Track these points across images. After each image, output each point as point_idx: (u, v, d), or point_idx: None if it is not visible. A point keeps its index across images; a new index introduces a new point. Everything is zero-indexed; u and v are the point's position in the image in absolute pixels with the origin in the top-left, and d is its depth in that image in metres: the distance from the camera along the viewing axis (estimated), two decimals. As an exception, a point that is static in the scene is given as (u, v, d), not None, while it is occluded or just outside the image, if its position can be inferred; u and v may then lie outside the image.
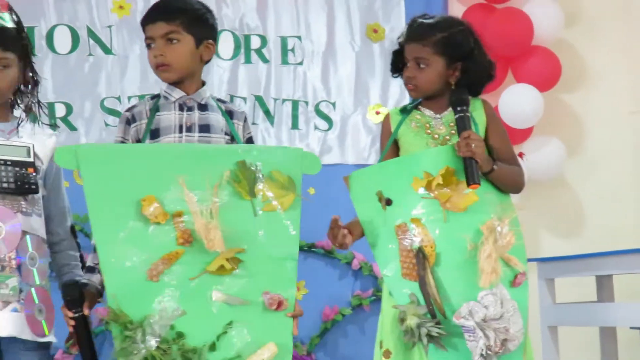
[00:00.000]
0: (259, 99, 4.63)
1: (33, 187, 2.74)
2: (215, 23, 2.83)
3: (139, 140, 2.72)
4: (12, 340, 2.71)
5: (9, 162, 2.69)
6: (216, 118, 2.76)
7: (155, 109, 2.75)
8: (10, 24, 2.79)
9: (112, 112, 4.45)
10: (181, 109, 2.75)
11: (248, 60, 4.64)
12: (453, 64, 2.81)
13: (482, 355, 2.53)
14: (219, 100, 2.81)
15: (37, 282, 2.71)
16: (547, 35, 4.72)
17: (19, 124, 2.80)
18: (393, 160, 2.87)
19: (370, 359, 2.90)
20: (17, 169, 2.70)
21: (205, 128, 2.74)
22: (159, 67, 2.71)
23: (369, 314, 4.53)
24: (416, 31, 2.87)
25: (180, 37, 2.71)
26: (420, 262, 2.69)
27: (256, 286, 2.52)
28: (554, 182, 4.89)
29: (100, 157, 2.52)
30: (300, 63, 4.71)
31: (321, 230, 4.51)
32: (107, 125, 4.44)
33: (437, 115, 2.88)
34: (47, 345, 2.81)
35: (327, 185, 4.40)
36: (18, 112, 2.81)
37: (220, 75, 4.60)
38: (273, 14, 4.70)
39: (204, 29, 2.76)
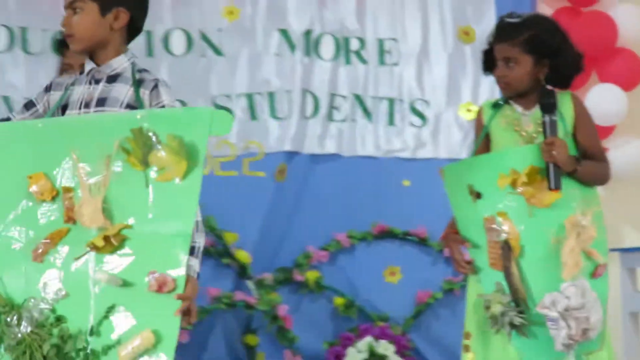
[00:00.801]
0: (357, 98, 4.86)
1: None
2: None
3: (46, 111, 2.63)
4: None
5: None
6: (121, 90, 2.57)
7: (72, 83, 2.64)
8: None
9: (223, 109, 4.64)
10: (90, 82, 2.61)
11: (348, 62, 4.87)
12: (541, 61, 2.89)
13: (564, 343, 2.66)
14: (140, 70, 2.59)
15: None
16: (631, 37, 4.85)
17: None
18: (483, 156, 3.00)
19: (459, 339, 3.05)
20: None
21: (101, 102, 2.56)
22: (66, 38, 2.60)
23: (459, 298, 4.67)
24: (504, 31, 2.96)
25: (84, 5, 2.57)
26: (505, 253, 2.77)
27: (143, 265, 2.32)
28: (636, 178, 5.01)
29: None
30: (396, 64, 4.92)
31: (416, 219, 4.81)
32: None
33: (526, 112, 2.95)
34: None
35: (422, 178, 4.78)
36: None
37: (322, 75, 4.83)
38: (371, 18, 4.91)
39: None
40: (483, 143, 3.04)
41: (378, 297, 4.87)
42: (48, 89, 2.64)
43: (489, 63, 3.02)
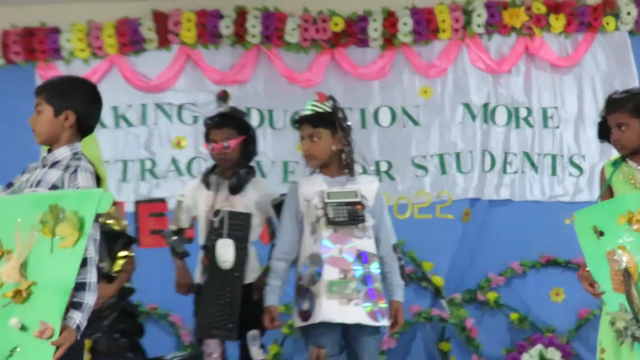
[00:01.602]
0: (526, 155, 5.44)
1: (360, 218, 3.34)
2: (81, 94, 2.79)
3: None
4: (355, 326, 3.34)
5: (342, 203, 3.35)
6: (54, 174, 2.71)
7: (35, 167, 2.81)
8: (325, 109, 3.44)
9: (420, 167, 5.44)
10: (43, 167, 2.77)
11: (518, 126, 5.44)
12: None
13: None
14: (76, 159, 2.74)
15: (371, 285, 3.34)
16: None
17: (352, 174, 3.44)
18: (604, 202, 3.22)
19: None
20: (349, 207, 3.33)
21: (38, 183, 2.71)
22: (33, 132, 2.81)
23: None
24: (613, 103, 3.22)
25: (42, 108, 2.76)
26: (626, 279, 2.91)
27: (37, 314, 2.49)
28: None
29: None
30: (557, 127, 5.46)
31: (576, 251, 4.99)
32: (417, 176, 5.42)
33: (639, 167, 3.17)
34: (379, 329, 3.42)
35: None
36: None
37: (497, 138, 5.41)
38: (536, 91, 5.47)
39: (63, 100, 2.74)
40: (606, 194, 3.26)
41: (546, 313, 5.29)
42: (23, 172, 2.86)
43: (604, 131, 3.29)
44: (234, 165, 3.72)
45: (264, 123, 5.43)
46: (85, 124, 2.80)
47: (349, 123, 3.60)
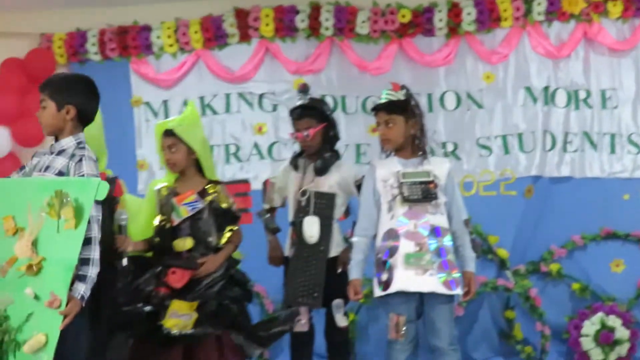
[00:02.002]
0: (586, 134, 5.62)
1: (433, 195, 3.51)
2: (80, 90, 3.03)
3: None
4: (430, 295, 3.51)
5: (416, 182, 3.53)
6: (60, 161, 2.95)
7: (44, 153, 3.04)
8: (398, 97, 3.61)
9: (484, 147, 5.67)
10: (50, 153, 3.01)
11: (577, 108, 5.61)
12: None
13: None
14: (80, 148, 2.98)
15: (445, 257, 3.50)
16: None
17: (425, 157, 3.64)
18: None
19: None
20: (422, 186, 3.51)
21: (45, 168, 2.95)
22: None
23: None
24: None
25: (46, 103, 3.01)
26: None
27: (47, 286, 2.73)
28: None
29: None
30: (616, 107, 5.62)
31: (635, 224, 5.49)
32: (481, 156, 5.66)
33: None
34: (453, 298, 3.53)
35: (638, 192, 5.47)
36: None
37: (557, 119, 5.59)
38: (594, 74, 5.63)
39: (64, 96, 2.98)
40: None
41: (606, 283, 5.47)
42: (32, 156, 3.09)
43: None
44: (318, 150, 3.97)
45: (337, 109, 5.71)
46: (85, 116, 3.04)
47: (421, 109, 3.79)
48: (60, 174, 2.90)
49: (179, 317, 3.49)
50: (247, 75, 5.86)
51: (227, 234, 3.76)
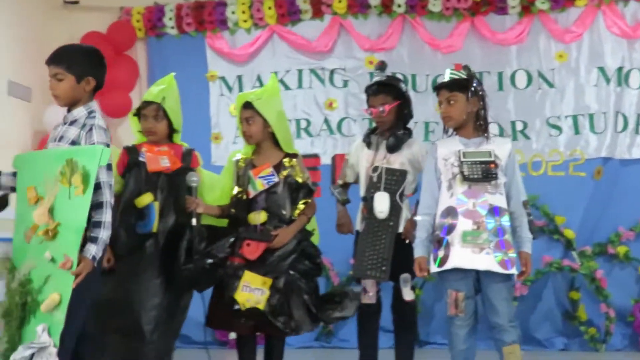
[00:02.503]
0: None
1: (493, 175, 3.44)
2: (96, 62, 3.12)
3: None
4: (486, 273, 3.45)
5: (477, 162, 3.46)
6: (73, 131, 3.05)
7: (59, 125, 3.12)
8: (460, 76, 3.55)
9: (554, 127, 5.62)
10: (64, 124, 3.10)
11: None
12: None
13: None
14: (91, 117, 3.06)
15: (502, 236, 3.38)
16: None
17: (486, 137, 3.52)
18: None
19: None
20: (483, 166, 3.43)
21: (60, 139, 3.05)
22: (53, 97, 3.11)
23: None
24: None
25: (64, 76, 3.07)
26: None
27: (61, 249, 2.86)
28: None
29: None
30: None
31: None
32: (551, 135, 5.61)
33: None
34: (510, 276, 3.47)
35: None
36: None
37: (630, 100, 5.53)
38: None
39: (83, 68, 3.07)
40: None
41: None
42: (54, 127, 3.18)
43: None
44: (391, 127, 3.96)
45: (407, 86, 5.62)
46: (99, 87, 3.14)
47: (483, 89, 3.72)
48: (73, 143, 3.01)
49: (252, 291, 3.55)
50: (320, 51, 5.91)
51: (301, 206, 3.79)
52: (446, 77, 3.64)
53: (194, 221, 3.63)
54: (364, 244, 3.80)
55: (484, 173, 3.46)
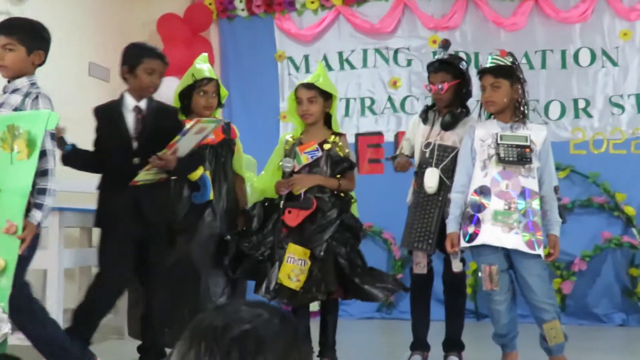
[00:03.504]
0: None
1: (527, 159, 3.50)
2: (46, 36, 3.15)
3: None
4: (515, 251, 3.49)
5: (513, 145, 3.52)
6: (16, 98, 3.06)
7: (3, 93, 3.13)
8: (505, 63, 3.60)
9: (617, 105, 5.60)
10: (4, 92, 3.12)
11: None
12: None
13: None
14: (33, 87, 3.09)
15: (531, 218, 3.48)
16: None
17: (524, 122, 3.57)
18: None
19: None
20: (518, 149, 3.51)
21: (1, 105, 3.07)
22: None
23: None
24: None
25: (14, 47, 3.10)
26: None
27: (5, 215, 2.86)
28: None
29: None
30: None
31: None
32: (613, 114, 5.61)
33: None
34: (539, 256, 3.47)
35: None
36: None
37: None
38: None
39: (34, 41, 3.11)
40: None
41: None
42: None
43: None
44: (449, 104, 4.00)
45: (470, 65, 5.68)
46: (44, 61, 3.18)
47: (524, 76, 3.76)
48: (16, 109, 3.02)
49: (295, 262, 3.71)
50: (384, 30, 6.02)
51: (337, 176, 3.92)
52: (490, 63, 3.71)
53: (282, 203, 3.84)
54: (413, 217, 3.92)
55: (519, 156, 3.53)
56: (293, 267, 3.74)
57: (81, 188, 4.84)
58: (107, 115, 3.61)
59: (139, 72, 3.55)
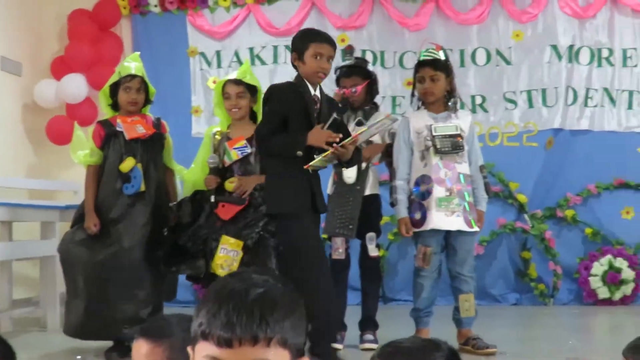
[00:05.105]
0: (606, 90, 5.93)
1: (460, 147, 3.81)
2: None
3: None
4: (458, 232, 3.91)
5: (446, 136, 3.87)
6: None
7: None
8: (441, 56, 3.93)
9: (510, 101, 5.98)
10: None
11: (599, 65, 5.92)
12: None
13: None
14: None
15: (467, 199, 3.85)
16: None
17: (453, 112, 3.92)
18: None
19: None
20: (452, 139, 3.85)
21: None
22: None
23: None
24: None
25: None
26: None
27: None
28: None
29: None
30: (636, 66, 5.91)
31: None
32: (507, 109, 5.97)
33: None
34: (474, 233, 3.90)
35: None
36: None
37: (580, 75, 5.87)
38: (618, 34, 5.93)
39: None
40: None
41: (616, 228, 5.82)
42: None
43: None
44: (361, 103, 4.29)
45: (376, 63, 6.04)
46: None
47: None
48: None
49: (228, 253, 3.87)
50: (294, 29, 6.12)
51: None
52: (426, 55, 3.96)
53: (212, 198, 3.98)
54: (334, 205, 4.13)
55: (452, 145, 3.83)
56: (226, 257, 3.89)
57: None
58: (292, 98, 3.56)
59: (307, 57, 3.55)
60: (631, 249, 5.83)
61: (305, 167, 3.50)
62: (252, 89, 4.14)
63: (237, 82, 4.11)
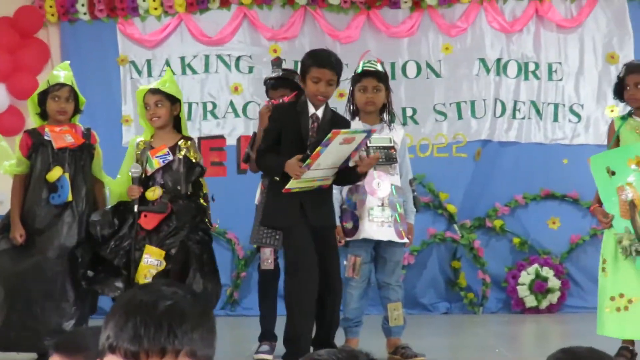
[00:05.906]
0: (533, 103, 6.02)
1: (394, 159, 3.91)
2: None
3: None
4: (388, 242, 3.98)
5: (380, 147, 3.91)
6: None
7: None
8: (379, 68, 4.06)
9: (440, 113, 6.03)
10: None
11: (526, 78, 6.02)
12: None
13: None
14: None
15: (398, 211, 3.92)
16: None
17: (388, 124, 3.99)
18: (615, 149, 3.80)
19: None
20: (385, 151, 3.91)
21: None
22: None
23: (600, 240, 5.29)
24: (635, 67, 3.89)
25: None
26: (631, 208, 3.50)
27: None
28: None
29: None
30: (561, 79, 6.03)
31: (571, 186, 5.85)
32: (437, 121, 6.01)
33: None
34: (404, 244, 4.02)
35: (576, 158, 5.76)
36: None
37: (508, 88, 5.98)
38: (543, 49, 6.04)
39: None
40: (614, 143, 3.86)
41: (543, 238, 5.91)
42: None
43: (619, 90, 3.90)
44: None
45: None
46: None
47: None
48: None
49: (152, 263, 3.86)
50: (225, 39, 6.17)
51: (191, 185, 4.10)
52: (370, 66, 4.04)
53: (135, 207, 3.95)
54: (260, 217, 4.10)
55: (386, 157, 3.85)
56: (149, 267, 3.87)
57: None
58: (287, 117, 3.71)
59: (307, 80, 3.66)
60: (557, 258, 5.93)
61: (283, 190, 3.64)
62: (173, 98, 4.07)
63: (155, 91, 4.09)
